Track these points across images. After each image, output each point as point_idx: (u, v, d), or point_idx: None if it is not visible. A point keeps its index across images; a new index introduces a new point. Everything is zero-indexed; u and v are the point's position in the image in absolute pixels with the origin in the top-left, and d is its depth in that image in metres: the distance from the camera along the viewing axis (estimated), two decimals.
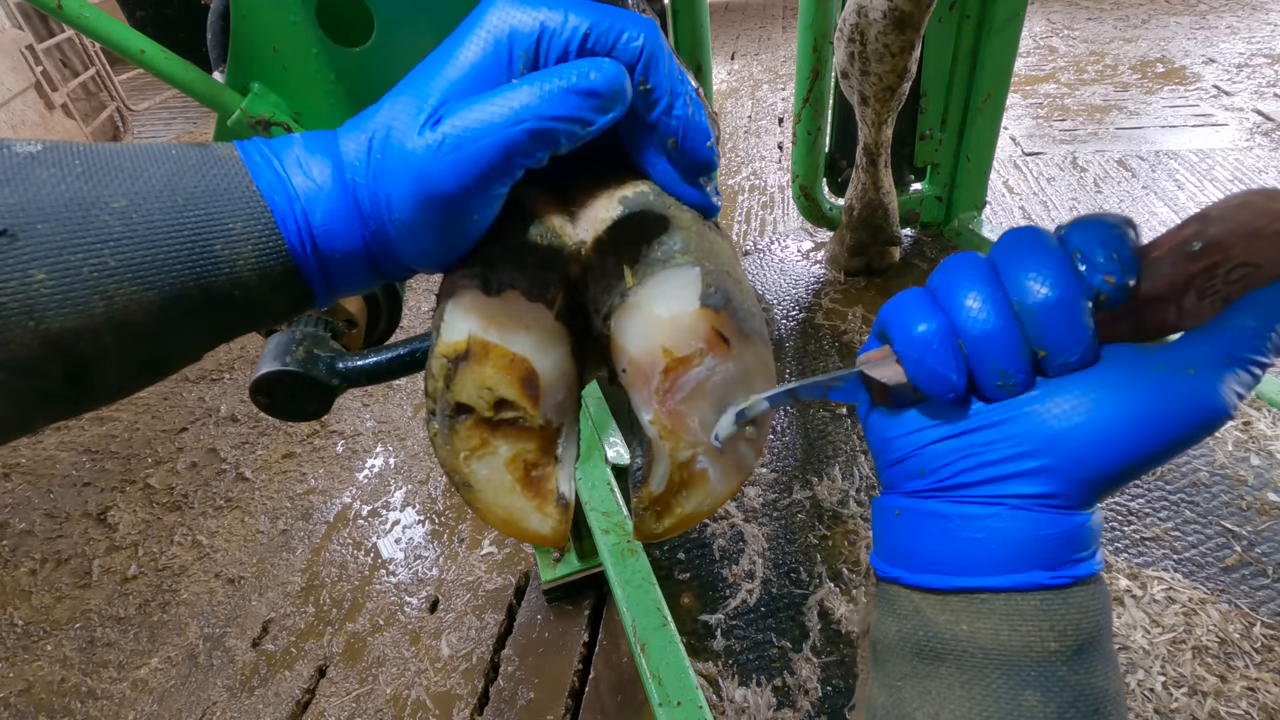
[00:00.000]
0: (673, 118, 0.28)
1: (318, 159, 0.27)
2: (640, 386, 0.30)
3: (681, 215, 0.31)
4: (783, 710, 0.55)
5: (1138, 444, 0.24)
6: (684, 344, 0.29)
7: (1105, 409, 0.24)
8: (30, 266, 0.22)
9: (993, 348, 0.25)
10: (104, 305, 0.24)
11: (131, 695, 1.12)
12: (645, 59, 0.26)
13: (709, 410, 0.30)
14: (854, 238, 1.08)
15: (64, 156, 0.24)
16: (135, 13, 0.77)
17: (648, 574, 0.63)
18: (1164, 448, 0.24)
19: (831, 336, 0.97)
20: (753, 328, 0.30)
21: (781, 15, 4.58)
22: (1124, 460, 0.24)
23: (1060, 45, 3.50)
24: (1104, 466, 0.25)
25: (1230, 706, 0.53)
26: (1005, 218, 2.15)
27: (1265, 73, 2.92)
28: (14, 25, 3.13)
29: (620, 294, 0.30)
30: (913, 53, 0.88)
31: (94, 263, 0.23)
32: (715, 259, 0.30)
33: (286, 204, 0.26)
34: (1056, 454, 0.25)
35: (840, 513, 0.71)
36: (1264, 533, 0.65)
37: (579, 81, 0.25)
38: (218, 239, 0.25)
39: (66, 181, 0.23)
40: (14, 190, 0.23)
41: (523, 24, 0.25)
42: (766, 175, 2.53)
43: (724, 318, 0.29)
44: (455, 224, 0.27)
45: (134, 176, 0.25)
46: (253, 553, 1.35)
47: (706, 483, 0.32)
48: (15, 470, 1.61)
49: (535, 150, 0.25)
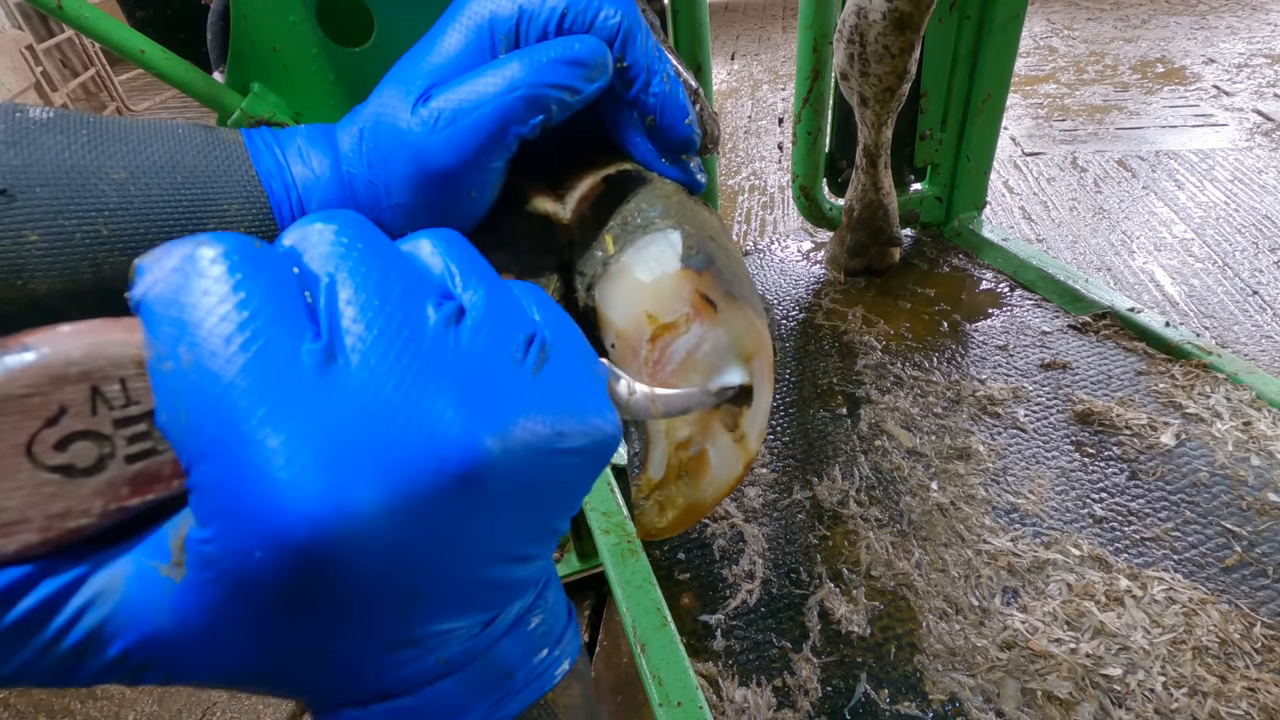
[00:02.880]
0: (650, 95, 0.28)
1: (317, 151, 0.27)
2: (629, 360, 0.29)
3: (663, 185, 0.31)
4: (783, 710, 0.55)
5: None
6: (668, 308, 0.28)
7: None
8: (25, 227, 0.23)
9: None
10: (92, 272, 0.24)
11: (131, 695, 1.12)
12: (622, 36, 0.27)
13: (702, 383, 0.29)
14: (854, 238, 1.08)
15: (72, 125, 0.25)
16: (135, 13, 0.77)
17: (648, 574, 0.63)
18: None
19: (831, 336, 0.97)
20: (740, 292, 0.29)
21: (781, 15, 4.58)
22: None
23: (1060, 45, 3.50)
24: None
25: (1230, 707, 0.53)
26: (1005, 218, 2.15)
27: (1265, 73, 2.92)
28: (14, 25, 3.13)
29: (603, 263, 0.29)
30: (913, 54, 0.88)
31: (87, 229, 0.24)
32: (698, 225, 0.29)
33: (283, 191, 0.26)
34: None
35: (840, 513, 0.71)
36: (1264, 533, 0.65)
37: (564, 53, 0.25)
38: (211, 218, 0.26)
39: (71, 149, 0.24)
40: (18, 153, 0.23)
41: (502, 8, 0.26)
42: (766, 175, 2.53)
43: (708, 279, 0.28)
44: (453, 203, 0.27)
45: (137, 150, 0.25)
46: None
47: (709, 467, 0.30)
48: None
49: (529, 117, 0.25)
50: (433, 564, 0.17)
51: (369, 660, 0.18)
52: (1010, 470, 0.75)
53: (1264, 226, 1.97)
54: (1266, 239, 1.92)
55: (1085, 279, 1.00)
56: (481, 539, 0.18)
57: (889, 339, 0.96)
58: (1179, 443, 0.75)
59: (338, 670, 0.18)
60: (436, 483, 0.16)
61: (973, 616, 0.62)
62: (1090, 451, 0.76)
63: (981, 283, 1.07)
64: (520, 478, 0.18)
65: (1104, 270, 1.87)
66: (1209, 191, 2.14)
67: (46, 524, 0.15)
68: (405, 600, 0.17)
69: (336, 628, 0.17)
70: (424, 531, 0.16)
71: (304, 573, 0.15)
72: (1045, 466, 0.75)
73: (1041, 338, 0.93)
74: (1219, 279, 1.79)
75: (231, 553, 0.15)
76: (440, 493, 0.16)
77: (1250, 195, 2.11)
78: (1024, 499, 0.72)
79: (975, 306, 1.01)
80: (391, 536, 0.16)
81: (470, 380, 0.17)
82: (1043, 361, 0.89)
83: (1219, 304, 1.70)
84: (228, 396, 0.15)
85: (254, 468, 0.15)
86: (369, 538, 0.15)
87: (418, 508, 0.16)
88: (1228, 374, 0.82)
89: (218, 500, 0.15)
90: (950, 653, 0.59)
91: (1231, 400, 0.79)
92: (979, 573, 0.65)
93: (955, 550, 0.67)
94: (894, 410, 0.84)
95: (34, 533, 0.15)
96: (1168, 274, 1.84)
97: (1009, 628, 0.60)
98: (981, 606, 0.62)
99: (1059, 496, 0.72)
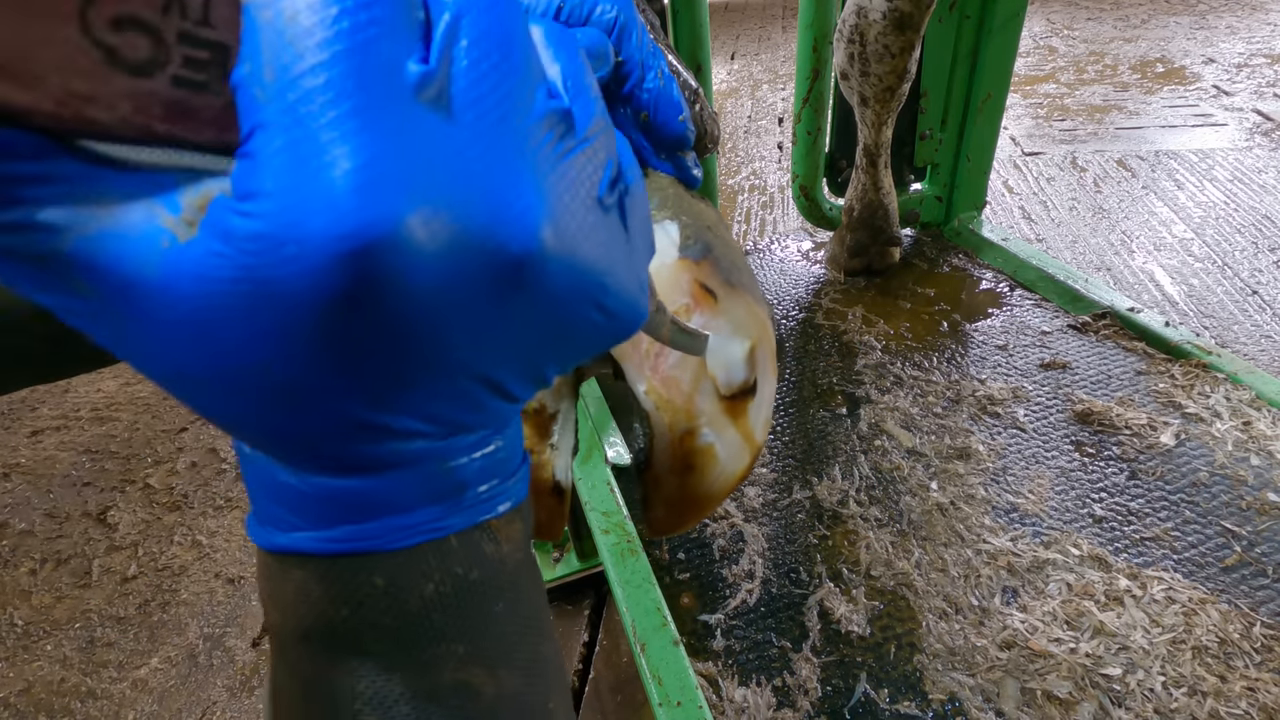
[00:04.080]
0: (644, 90, 0.28)
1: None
2: (631, 354, 0.29)
3: (658, 178, 0.30)
4: (782, 710, 0.55)
5: None
6: (668, 299, 0.28)
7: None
8: None
9: None
10: None
11: (131, 695, 1.12)
12: (618, 31, 0.27)
13: (704, 375, 0.29)
14: (854, 238, 1.08)
15: None
16: None
17: (647, 574, 0.63)
18: None
19: (831, 336, 0.97)
20: (740, 280, 0.29)
21: (781, 15, 4.58)
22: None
23: (1060, 45, 3.50)
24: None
25: (1230, 706, 0.53)
26: (1005, 218, 2.15)
27: (1265, 73, 2.92)
28: None
29: None
30: (913, 53, 0.88)
31: None
32: (694, 215, 0.29)
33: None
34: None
35: (840, 513, 0.71)
36: (1264, 533, 0.65)
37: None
38: None
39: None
40: None
41: None
42: (766, 175, 2.53)
43: (706, 268, 0.28)
44: None
45: None
46: (253, 552, 1.35)
47: (715, 459, 0.30)
48: (15, 470, 1.61)
49: None
50: (443, 335, 0.16)
51: (340, 421, 0.17)
52: (1010, 470, 0.75)
53: (1264, 226, 1.97)
54: (1266, 239, 1.92)
55: (1085, 279, 1.00)
56: (491, 334, 0.17)
57: (889, 339, 0.96)
58: (1179, 443, 0.75)
59: (298, 418, 0.17)
60: (492, 254, 0.16)
61: (972, 616, 0.62)
62: (1090, 451, 0.76)
63: (981, 282, 1.07)
64: (552, 296, 0.17)
65: (1104, 270, 1.87)
66: (1209, 191, 2.14)
67: (65, 97, 0.14)
68: (403, 363, 0.16)
69: (330, 362, 0.16)
70: (457, 296, 0.16)
71: (331, 282, 0.14)
72: (1045, 466, 0.75)
73: (1041, 337, 0.93)
74: (1218, 279, 1.79)
75: (264, 235, 0.14)
76: (489, 266, 0.16)
77: (1250, 195, 2.11)
78: (1024, 499, 0.72)
79: (975, 306, 1.01)
80: (430, 284, 0.15)
81: (552, 184, 0.17)
82: (1042, 361, 0.89)
83: (1218, 304, 1.70)
84: (322, 73, 0.14)
85: (328, 158, 0.14)
86: (411, 276, 0.15)
87: (465, 270, 0.15)
88: (1227, 374, 0.82)
89: (271, 178, 0.14)
90: (950, 652, 0.59)
91: (1231, 400, 0.79)
92: (979, 572, 0.65)
93: (955, 550, 0.67)
94: (894, 410, 0.84)
95: (49, 100, 0.13)
96: (1167, 274, 1.83)
97: (1009, 627, 0.60)
98: (981, 606, 0.62)
99: (1059, 496, 0.72)
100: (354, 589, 0.19)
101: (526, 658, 0.23)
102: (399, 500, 0.19)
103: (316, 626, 0.20)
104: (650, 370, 0.28)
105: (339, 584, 0.19)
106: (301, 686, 0.20)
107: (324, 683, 0.20)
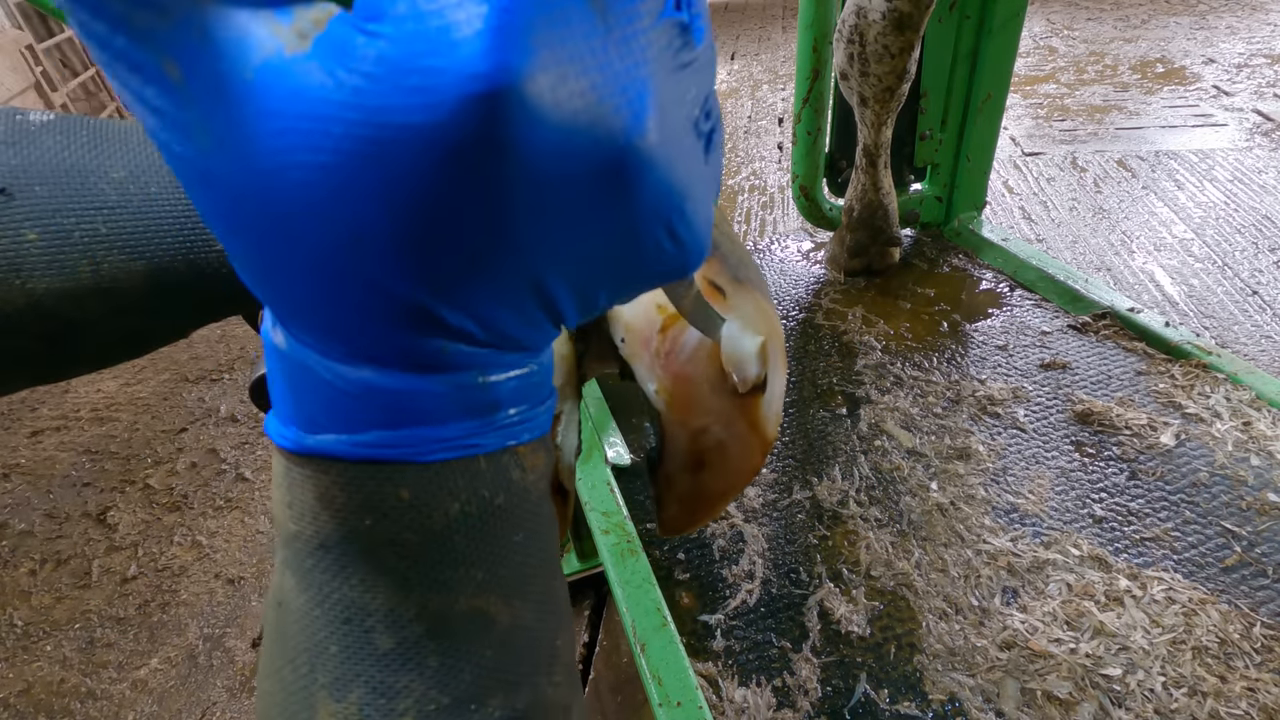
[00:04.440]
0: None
1: None
2: (640, 354, 0.29)
3: None
4: (782, 710, 0.55)
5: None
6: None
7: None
8: (23, 226, 0.23)
9: None
10: (90, 271, 0.24)
11: (131, 696, 1.12)
12: None
13: (715, 372, 0.29)
14: (854, 238, 1.08)
15: (72, 127, 0.25)
16: None
17: (647, 574, 0.63)
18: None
19: (831, 336, 0.97)
20: (747, 275, 0.28)
21: (781, 15, 4.58)
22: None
23: (1060, 45, 3.50)
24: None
25: (1230, 707, 0.53)
26: (1005, 218, 2.15)
27: (1265, 73, 2.92)
28: (14, 25, 3.13)
29: None
30: (912, 54, 0.88)
31: (86, 228, 0.24)
32: None
33: None
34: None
35: (840, 513, 0.71)
36: (1264, 533, 0.65)
37: None
38: None
39: (70, 149, 0.24)
40: (17, 153, 0.23)
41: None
42: (766, 175, 2.53)
43: (714, 265, 0.28)
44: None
45: (137, 150, 0.25)
46: (253, 553, 1.35)
47: (727, 456, 0.30)
48: (15, 470, 1.61)
49: None
50: (534, 218, 0.16)
51: (398, 301, 0.16)
52: (1010, 470, 0.75)
53: (1264, 226, 1.97)
54: (1266, 239, 1.92)
55: (1085, 279, 1.00)
56: (571, 233, 0.17)
57: (889, 339, 0.96)
58: (1179, 443, 0.75)
59: (356, 286, 0.16)
60: (601, 140, 0.15)
61: (972, 616, 0.62)
62: (1090, 451, 0.76)
63: (981, 283, 1.07)
64: (637, 204, 0.17)
65: (1104, 270, 1.87)
66: (1209, 191, 2.14)
67: None
68: (484, 239, 0.16)
69: (419, 219, 0.15)
70: (563, 173, 0.15)
71: (454, 124, 0.13)
72: (1045, 466, 0.75)
73: (1041, 338, 0.93)
74: (1219, 279, 1.79)
75: (387, 59, 0.13)
76: (596, 152, 0.15)
77: (1250, 195, 2.11)
78: (1024, 499, 0.72)
79: (975, 306, 1.01)
80: (546, 153, 0.14)
81: (666, 90, 0.16)
82: (1042, 361, 0.89)
83: (1219, 304, 1.70)
84: None
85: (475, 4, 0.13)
86: (531, 139, 0.14)
87: (577, 149, 0.15)
88: (1227, 374, 0.82)
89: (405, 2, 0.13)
90: (950, 653, 0.59)
91: (1231, 400, 0.79)
92: (979, 573, 0.65)
93: (955, 550, 0.67)
94: (894, 410, 0.84)
95: None
96: (1167, 274, 1.83)
97: (1009, 628, 0.60)
98: (981, 606, 0.62)
99: (1059, 496, 0.72)
100: (379, 499, 0.19)
101: (540, 592, 0.22)
102: (433, 409, 0.19)
103: (335, 535, 0.19)
104: (661, 369, 0.28)
105: (364, 492, 0.19)
106: (312, 598, 0.20)
107: (337, 595, 0.20)
